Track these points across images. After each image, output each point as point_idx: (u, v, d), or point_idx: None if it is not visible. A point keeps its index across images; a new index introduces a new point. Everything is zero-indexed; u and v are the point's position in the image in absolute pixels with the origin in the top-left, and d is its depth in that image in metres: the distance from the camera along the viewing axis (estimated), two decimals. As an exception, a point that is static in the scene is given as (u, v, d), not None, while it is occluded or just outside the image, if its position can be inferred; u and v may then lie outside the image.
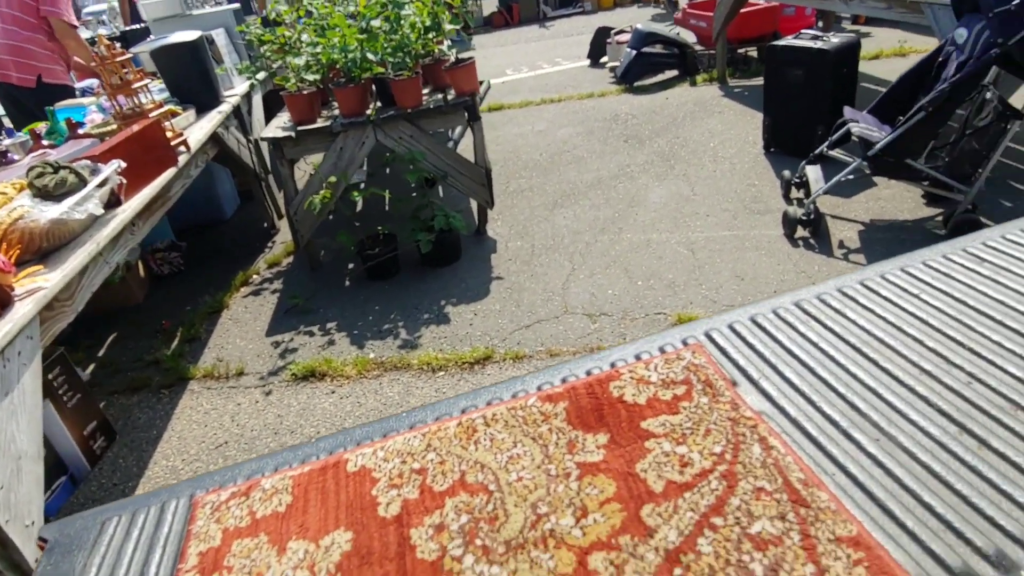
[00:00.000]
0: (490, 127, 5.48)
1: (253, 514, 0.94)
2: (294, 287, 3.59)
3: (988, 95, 2.84)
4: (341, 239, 3.42)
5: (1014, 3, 2.40)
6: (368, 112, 3.40)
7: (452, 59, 3.49)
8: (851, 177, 2.95)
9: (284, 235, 4.19)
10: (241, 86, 4.09)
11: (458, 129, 4.67)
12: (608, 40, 6.15)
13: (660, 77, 5.69)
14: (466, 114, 3.46)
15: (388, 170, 5.00)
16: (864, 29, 6.09)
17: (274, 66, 3.82)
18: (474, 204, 3.88)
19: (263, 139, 3.40)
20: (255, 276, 3.79)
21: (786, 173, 3.44)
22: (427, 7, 3.38)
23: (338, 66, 3.38)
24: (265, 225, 4.39)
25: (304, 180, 3.77)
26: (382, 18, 3.35)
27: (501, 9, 9.48)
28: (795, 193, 3.43)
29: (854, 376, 0.96)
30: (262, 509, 0.94)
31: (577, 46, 7.22)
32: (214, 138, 3.54)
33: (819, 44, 3.48)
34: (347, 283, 3.58)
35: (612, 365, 1.08)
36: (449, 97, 3.43)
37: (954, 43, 2.75)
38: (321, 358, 2.95)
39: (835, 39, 3.48)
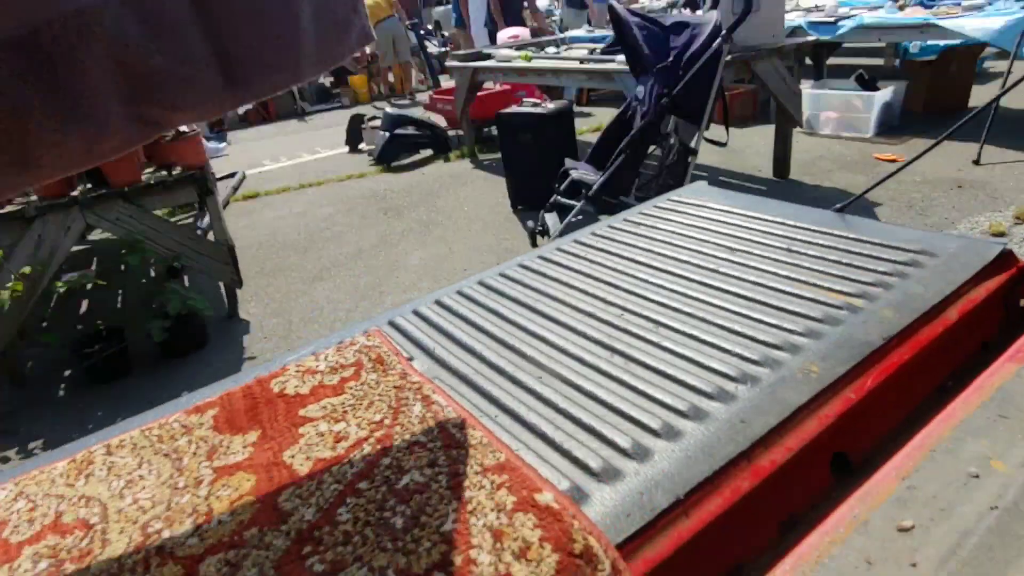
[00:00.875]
0: (245, 214, 5.19)
1: None
2: (-16, 410, 2.89)
3: (672, 140, 3.35)
4: (46, 339, 2.86)
5: (669, 60, 2.90)
6: (75, 192, 2.98)
7: (172, 134, 3.24)
8: (580, 217, 3.24)
9: (-24, 353, 3.40)
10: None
11: (206, 219, 4.34)
12: (363, 126, 6.29)
13: (416, 156, 5.92)
14: (196, 188, 3.20)
15: (124, 266, 4.42)
16: (587, 110, 7.03)
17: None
18: (223, 287, 3.55)
19: (-77, 231, 2.79)
20: (-74, 407, 2.99)
21: (530, 223, 3.69)
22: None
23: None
24: (-51, 345, 3.54)
25: None
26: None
27: (256, 106, 9.31)
28: (540, 241, 3.68)
29: (523, 328, 0.95)
30: None
31: (336, 135, 7.28)
32: None
33: (539, 109, 3.88)
34: (61, 393, 2.99)
35: (283, 367, 0.95)
36: (175, 172, 3.16)
37: (637, 99, 3.23)
38: (15, 486, 2.35)
39: (551, 105, 3.92)
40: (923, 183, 3.67)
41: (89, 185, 3.10)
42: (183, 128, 3.28)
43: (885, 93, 4.42)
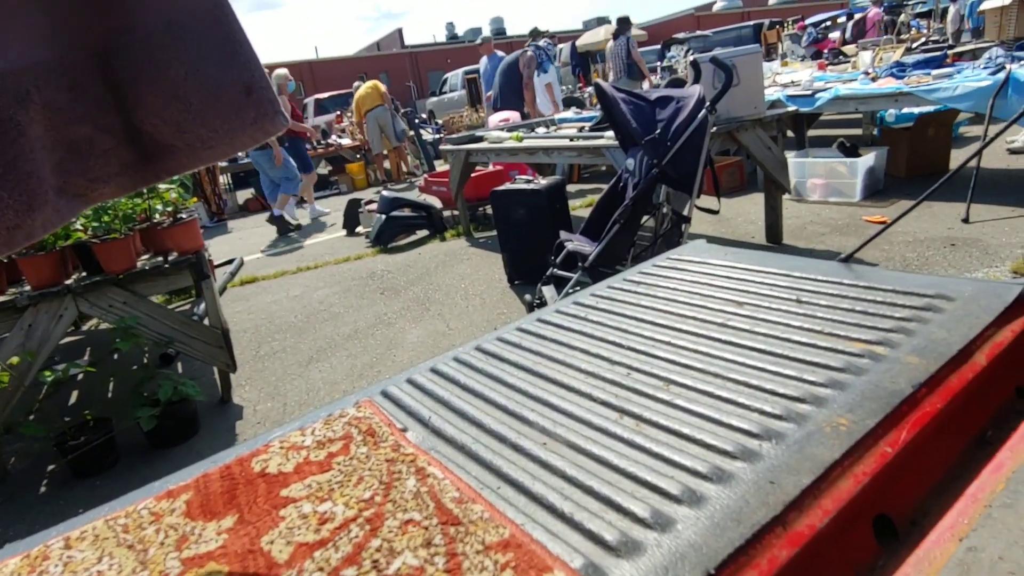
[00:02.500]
0: (241, 299, 5.17)
1: None
2: (-42, 511, 2.74)
3: (664, 210, 3.39)
4: (27, 431, 2.75)
5: (657, 132, 2.97)
6: (69, 281, 2.96)
7: (169, 221, 3.26)
8: (577, 288, 3.21)
9: (-43, 451, 3.27)
10: None
11: (202, 305, 4.31)
12: (360, 210, 6.39)
13: (412, 237, 5.98)
14: (191, 273, 3.18)
15: (116, 355, 4.35)
16: (579, 187, 7.18)
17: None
18: (217, 372, 3.47)
19: (-89, 325, 2.74)
20: (-102, 510, 2.83)
21: (527, 297, 3.66)
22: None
23: (26, 236, 2.94)
24: (-70, 444, 3.41)
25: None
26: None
27: (256, 196, 9.51)
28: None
29: (524, 392, 0.89)
30: None
31: (333, 220, 7.40)
32: None
33: (532, 185, 3.95)
34: (43, 490, 2.84)
35: (266, 444, 0.88)
36: (171, 258, 3.15)
37: (627, 171, 3.29)
38: (-16, 595, 2.18)
39: (544, 181, 3.99)
40: (916, 243, 3.69)
41: (84, 273, 3.08)
42: (181, 215, 3.31)
43: (868, 159, 4.53)
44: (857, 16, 13.57)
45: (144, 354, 4.25)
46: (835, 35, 14.84)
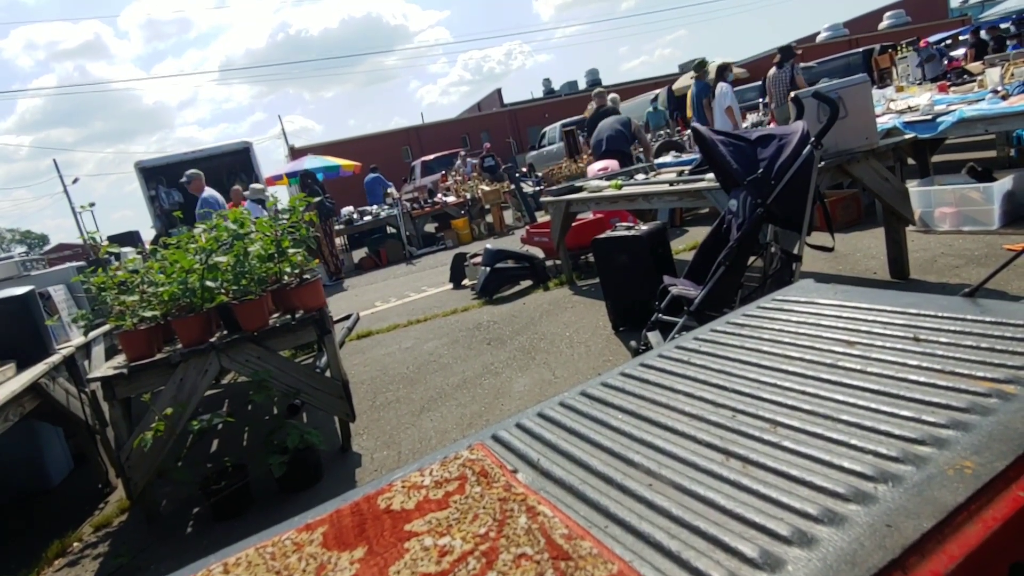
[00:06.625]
0: (358, 351, 5.49)
1: None
2: (123, 546, 3.06)
3: (773, 249, 3.28)
4: (177, 476, 3.05)
5: (759, 172, 2.92)
6: (212, 339, 3.30)
7: (296, 281, 3.57)
8: (683, 333, 3.16)
9: (122, 493, 3.68)
10: (79, 338, 3.91)
11: (324, 358, 4.63)
12: (465, 263, 6.65)
13: (517, 288, 6.12)
14: (315, 329, 3.45)
15: (250, 406, 4.74)
16: (682, 228, 7.08)
17: (115, 310, 3.71)
18: (338, 422, 3.69)
19: (90, 380, 3.16)
20: (75, 544, 3.22)
21: (632, 343, 3.64)
22: (271, 238, 3.55)
23: (180, 301, 3.34)
24: (100, 486, 3.86)
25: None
26: (230, 255, 3.41)
27: (370, 254, 10.18)
28: (645, 360, 3.59)
29: (629, 435, 0.91)
30: None
31: (441, 275, 7.74)
32: (35, 390, 3.24)
33: (633, 232, 3.96)
34: (189, 530, 3.12)
35: (390, 484, 0.96)
36: (297, 315, 3.44)
37: (731, 212, 3.23)
38: (143, 625, 2.42)
39: (644, 227, 3.99)
40: (1072, 272, 3.31)
41: (225, 332, 3.43)
42: (306, 276, 3.62)
43: (1005, 182, 4.16)
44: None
45: (274, 406, 4.62)
46: (958, 52, 13.85)
